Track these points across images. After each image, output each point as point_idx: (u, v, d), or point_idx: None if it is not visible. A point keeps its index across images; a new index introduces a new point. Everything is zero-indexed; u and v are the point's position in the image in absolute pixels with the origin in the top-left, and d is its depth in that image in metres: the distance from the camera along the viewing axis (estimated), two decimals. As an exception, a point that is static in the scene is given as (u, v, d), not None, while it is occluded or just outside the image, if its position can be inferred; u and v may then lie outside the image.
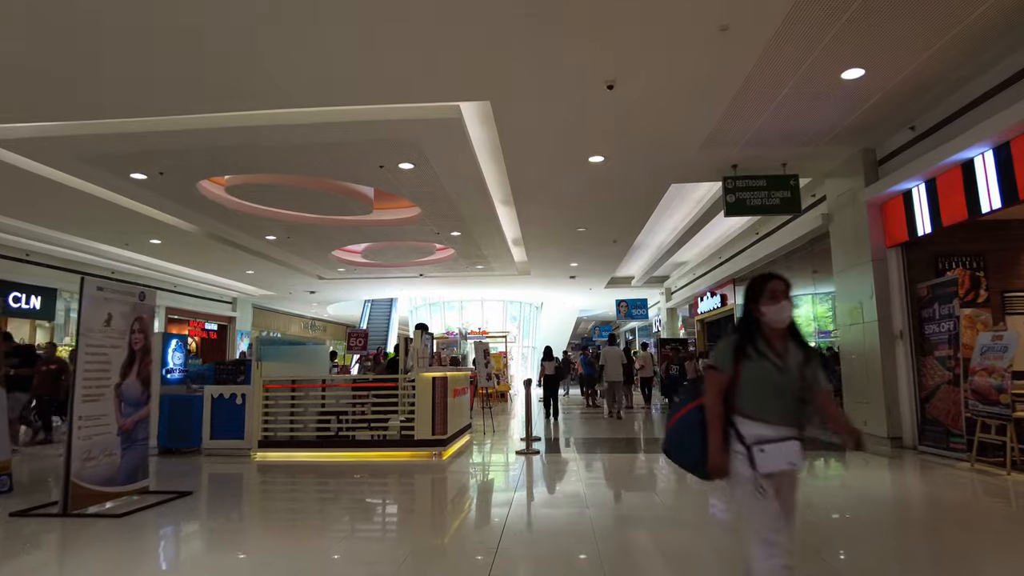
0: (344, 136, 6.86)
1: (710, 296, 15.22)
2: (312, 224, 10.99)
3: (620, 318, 20.90)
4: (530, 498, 5.06)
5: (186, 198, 9.13)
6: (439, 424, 6.98)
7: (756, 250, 11.63)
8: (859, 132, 7.04)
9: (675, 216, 12.14)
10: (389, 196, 10.15)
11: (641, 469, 6.41)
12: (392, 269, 15.96)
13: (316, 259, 14.31)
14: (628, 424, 10.96)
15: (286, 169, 8.04)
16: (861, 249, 7.62)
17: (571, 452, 7.53)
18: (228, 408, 7.33)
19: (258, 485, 6.29)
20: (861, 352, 7.64)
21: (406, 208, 10.83)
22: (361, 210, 10.00)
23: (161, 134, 6.75)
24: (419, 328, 7.31)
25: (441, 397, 7.03)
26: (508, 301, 23.92)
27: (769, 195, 7.95)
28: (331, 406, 7.37)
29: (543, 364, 13.78)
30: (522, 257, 15.19)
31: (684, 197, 10.92)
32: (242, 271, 16.03)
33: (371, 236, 12.04)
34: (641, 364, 15.17)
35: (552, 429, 10.38)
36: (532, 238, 12.31)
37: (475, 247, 12.93)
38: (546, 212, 10.31)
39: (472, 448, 7.95)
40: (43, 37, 4.71)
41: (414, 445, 6.97)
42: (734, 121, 6.62)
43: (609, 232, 11.77)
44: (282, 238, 12.10)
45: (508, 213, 11.09)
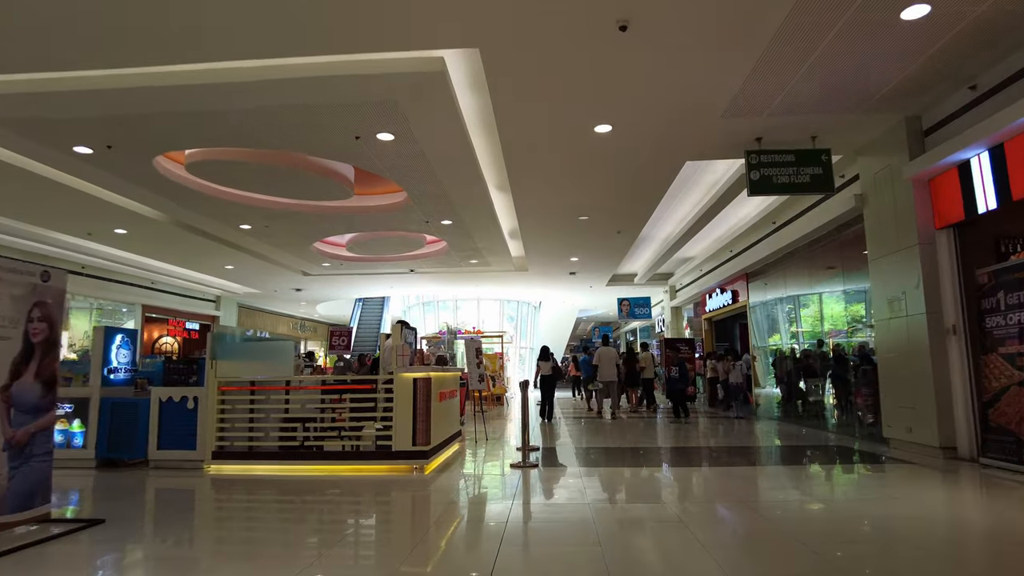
0: (313, 97, 5.91)
1: (719, 293, 14.28)
2: (288, 211, 10.02)
3: (622, 317, 19.95)
4: (526, 527, 4.09)
5: (142, 177, 8.16)
6: (421, 433, 6.01)
7: (773, 241, 10.70)
8: (907, 95, 6.11)
9: (684, 205, 11.20)
10: (372, 179, 9.20)
11: (654, 488, 5.45)
12: (381, 264, 14.99)
13: (297, 252, 13.34)
14: (631, 430, 10.00)
15: (251, 142, 7.08)
16: (904, 232, 6.68)
17: (573, 465, 6.56)
18: (178, 413, 6.35)
19: (207, 504, 5.33)
20: (904, 350, 6.69)
21: (391, 193, 9.87)
22: (341, 194, 9.03)
23: (97, 96, 5.79)
24: (399, 324, 6.35)
25: (424, 401, 6.06)
26: (505, 300, 22.94)
27: (798, 172, 7.01)
28: (297, 412, 6.39)
29: (539, 364, 13.40)
30: (519, 251, 14.24)
31: (695, 182, 9.99)
32: (220, 266, 15.05)
33: (354, 225, 11.07)
34: (643, 365, 14.32)
35: (551, 435, 9.41)
36: (530, 230, 11.36)
37: (468, 239, 11.97)
38: (545, 198, 9.36)
39: (461, 460, 6.97)
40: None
41: (391, 457, 6.00)
42: (763, 80, 5.69)
43: (613, 221, 10.82)
44: (258, 227, 11.13)
45: (504, 201, 10.13)
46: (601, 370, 11.93)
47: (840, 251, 9.09)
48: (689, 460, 6.99)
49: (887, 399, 7.07)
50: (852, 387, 8.73)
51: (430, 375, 6.19)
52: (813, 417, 10.24)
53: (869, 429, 8.25)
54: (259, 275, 16.41)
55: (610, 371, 11.87)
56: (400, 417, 6.00)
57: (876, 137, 7.08)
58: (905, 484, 5.36)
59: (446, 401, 6.98)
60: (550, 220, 10.70)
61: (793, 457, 7.24)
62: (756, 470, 6.35)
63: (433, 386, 6.29)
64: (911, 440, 6.60)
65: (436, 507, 4.85)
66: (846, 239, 8.68)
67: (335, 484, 5.71)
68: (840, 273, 9.26)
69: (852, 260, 8.79)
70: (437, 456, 6.43)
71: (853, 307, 9.16)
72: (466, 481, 5.82)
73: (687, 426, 10.37)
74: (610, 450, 7.71)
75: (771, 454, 7.42)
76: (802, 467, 6.56)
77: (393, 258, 14.25)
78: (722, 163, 8.96)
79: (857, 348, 8.75)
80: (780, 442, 8.31)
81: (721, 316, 14.98)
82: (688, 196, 10.71)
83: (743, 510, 4.45)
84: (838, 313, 9.79)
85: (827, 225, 8.67)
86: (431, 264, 14.97)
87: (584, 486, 5.29)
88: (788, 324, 11.47)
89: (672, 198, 10.73)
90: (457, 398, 7.76)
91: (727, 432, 9.56)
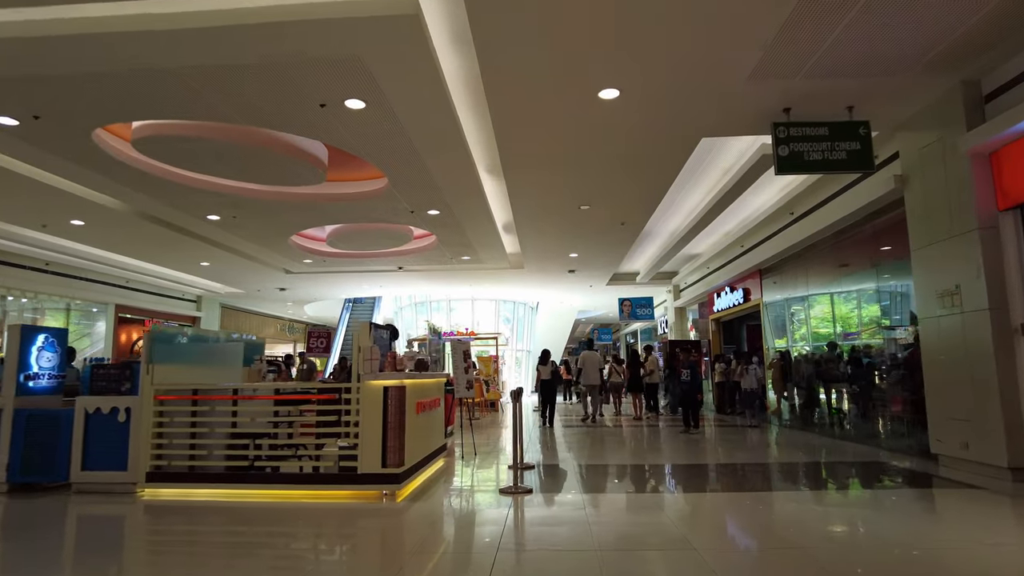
0: (266, 50, 4.96)
1: (729, 291, 13.33)
2: (256, 199, 9.04)
3: (623, 319, 19.00)
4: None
5: (83, 155, 7.19)
6: (392, 452, 5.03)
7: (792, 233, 9.76)
8: (965, 54, 5.18)
9: (693, 195, 10.25)
10: (348, 163, 8.24)
11: (674, 521, 4.48)
12: (367, 261, 14.02)
13: (274, 246, 12.35)
14: (638, 443, 9.04)
15: (203, 112, 6.12)
16: (958, 215, 5.74)
17: (575, 488, 5.59)
18: (107, 427, 5.37)
19: (137, 537, 4.39)
20: (958, 352, 5.74)
21: (371, 180, 8.91)
22: (312, 178, 8.06)
23: (5, 48, 4.84)
24: (369, 324, 5.38)
25: (397, 415, 5.09)
26: (501, 300, 21.98)
27: (832, 147, 6.07)
28: (247, 426, 5.41)
29: (539, 368, 12.71)
30: (515, 248, 13.29)
31: (706, 170, 9.04)
32: (195, 263, 14.06)
33: (331, 215, 10.09)
34: (650, 369, 13.41)
35: (550, 446, 8.44)
36: (526, 220, 10.40)
37: (459, 232, 11.01)
38: (542, 182, 8.40)
39: (443, 482, 5.99)
40: None
41: (357, 481, 5.03)
42: (797, 36, 4.75)
43: (617, 211, 9.86)
44: (226, 218, 10.16)
45: (496, 188, 9.18)
46: (585, 374, 12.09)
47: (872, 242, 8.14)
48: (710, 483, 6.02)
49: (936, 409, 6.12)
50: (886, 394, 7.78)
51: (404, 383, 5.22)
52: (835, 427, 9.28)
53: (908, 442, 7.29)
54: (238, 273, 15.44)
55: (593, 375, 12.03)
56: (367, 433, 5.03)
57: (924, 106, 6.14)
58: (976, 515, 4.39)
59: (426, 413, 6.01)
60: (548, 209, 9.74)
61: (832, 478, 6.28)
62: (794, 497, 5.38)
63: (409, 396, 5.32)
64: (968, 458, 5.65)
65: (400, 549, 3.88)
66: (880, 228, 7.75)
67: (287, 513, 4.75)
68: (872, 267, 8.30)
69: (887, 251, 7.86)
70: (413, 479, 5.45)
71: (881, 305, 8.21)
72: (444, 513, 4.84)
73: (699, 437, 9.40)
74: (618, 469, 6.74)
75: (805, 474, 6.45)
76: (847, 492, 5.60)
77: (379, 254, 13.28)
78: (738, 145, 8.02)
79: (886, 350, 7.79)
80: (808, 457, 7.35)
81: (731, 316, 14.03)
82: (698, 185, 9.76)
83: (794, 556, 3.48)
84: (869, 311, 8.84)
85: (857, 213, 7.73)
86: (420, 261, 14.00)
87: (589, 520, 4.32)
88: (805, 324, 10.52)
89: (680, 188, 9.79)
90: (440, 408, 6.79)
91: (745, 445, 8.59)
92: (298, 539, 4.26)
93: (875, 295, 8.40)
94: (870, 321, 8.68)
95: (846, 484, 5.92)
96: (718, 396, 14.07)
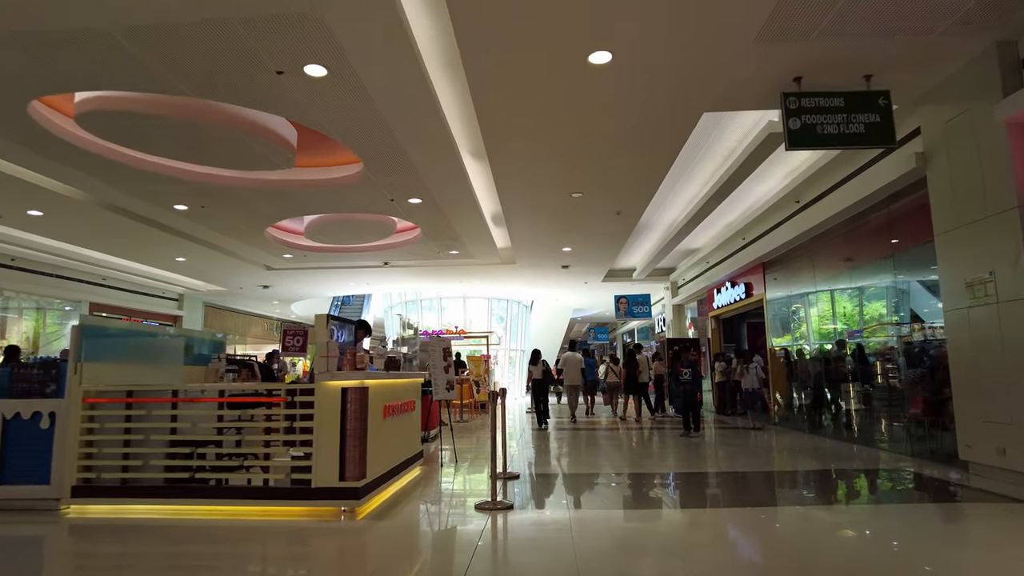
0: (212, 7, 4.32)
1: (730, 287, 12.71)
2: (223, 186, 8.39)
3: (619, 317, 18.36)
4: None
5: (22, 133, 6.53)
6: (353, 463, 4.39)
7: (798, 223, 9.14)
8: (1001, 10, 4.57)
9: (693, 183, 9.62)
10: (318, 144, 7.60)
11: (674, 543, 3.84)
12: (350, 256, 13.36)
13: (250, 240, 11.69)
14: (635, 447, 8.41)
15: (146, 83, 5.47)
16: (992, 195, 5.12)
17: (561, 504, 4.96)
18: (28, 435, 4.72)
19: (60, 562, 3.73)
20: (993, 347, 5.12)
21: (346, 165, 8.26)
22: (280, 161, 7.41)
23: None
24: (325, 317, 4.75)
25: (357, 420, 4.45)
26: (493, 299, 21.33)
27: (849, 119, 5.45)
28: (189, 433, 4.75)
29: (530, 368, 12.34)
30: (505, 242, 12.66)
31: (708, 152, 8.41)
32: (170, 258, 13.38)
33: (306, 204, 9.43)
34: (640, 369, 12.91)
35: (540, 451, 7.81)
36: (515, 210, 9.76)
37: (444, 222, 10.36)
38: (530, 167, 7.77)
39: (414, 496, 5.34)
40: None
41: (311, 496, 4.38)
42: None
43: (612, 199, 9.23)
44: (194, 208, 9.50)
45: (482, 173, 8.55)
46: (566, 374, 12.28)
47: (887, 230, 7.53)
48: (714, 495, 5.39)
49: (965, 411, 5.50)
50: (903, 394, 7.17)
51: (367, 384, 4.57)
52: (845, 429, 8.66)
53: (927, 447, 6.68)
54: (218, 269, 14.77)
55: (575, 376, 12.26)
56: (323, 441, 4.38)
57: (952, 73, 5.52)
58: (1019, 533, 3.77)
59: (397, 417, 5.36)
60: (537, 197, 9.10)
61: (853, 488, 5.66)
62: (812, 513, 4.75)
63: (374, 398, 4.68)
64: (1005, 466, 5.03)
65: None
66: (897, 214, 7.14)
67: (230, 533, 4.10)
68: (887, 256, 7.68)
69: (904, 239, 7.25)
70: (378, 492, 4.81)
71: (897, 297, 7.59)
72: (407, 534, 4.20)
73: (699, 440, 8.77)
74: (613, 479, 6.10)
75: (822, 484, 5.82)
76: (876, 506, 4.98)
77: (362, 249, 12.62)
78: (742, 124, 7.40)
79: (904, 345, 7.17)
80: (821, 464, 6.72)
81: (731, 313, 13.41)
82: (698, 172, 9.13)
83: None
84: (881, 305, 8.22)
85: (871, 197, 7.13)
86: (406, 256, 13.35)
87: (574, 544, 3.68)
88: (811, 320, 9.90)
89: (678, 176, 9.18)
90: (416, 411, 6.14)
91: (751, 450, 7.97)
92: (241, 562, 3.62)
93: (890, 287, 7.78)
94: (883, 315, 8.06)
95: (864, 495, 5.29)
96: (718, 396, 13.46)
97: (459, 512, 4.67)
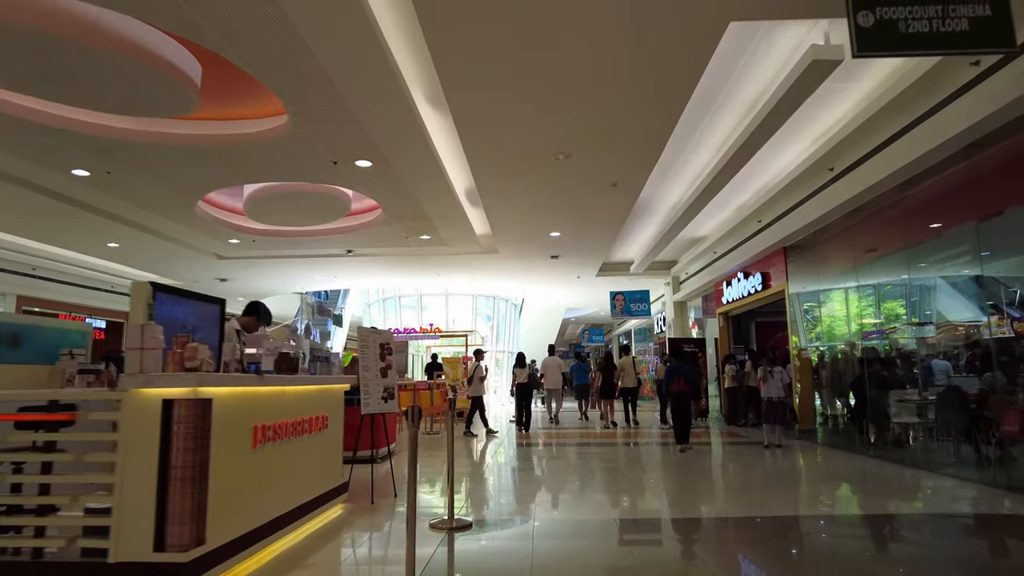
0: None
1: (742, 278, 11.05)
2: (119, 140, 6.68)
3: (615, 315, 16.70)
4: None
5: None
6: (181, 520, 2.69)
7: (832, 195, 7.51)
8: None
9: (703, 150, 7.96)
10: (233, 86, 5.92)
11: None
12: (306, 242, 11.66)
13: (182, 219, 9.97)
14: (616, 468, 6.72)
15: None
16: None
17: (523, 568, 3.27)
18: None
19: None
20: None
21: (271, 117, 6.57)
22: (178, 101, 5.72)
23: None
24: (155, 287, 3.07)
25: (191, 451, 2.75)
26: (478, 295, 19.64)
27: (946, 12, 3.79)
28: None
29: (515, 372, 11.70)
30: (485, 228, 11.00)
31: (723, 107, 6.76)
32: (100, 244, 11.63)
33: (230, 169, 7.68)
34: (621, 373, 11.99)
35: (507, 477, 6.12)
36: (488, 177, 8.07)
37: (406, 197, 8.67)
38: (502, 116, 6.09)
39: (306, 559, 3.62)
40: None
41: (107, 574, 2.68)
42: None
43: (606, 164, 7.55)
44: (98, 173, 7.78)
45: (445, 130, 6.89)
46: (547, 378, 12.53)
47: (971, 189, 5.88)
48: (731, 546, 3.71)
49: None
50: (991, 404, 5.51)
51: (209, 392, 2.87)
52: (890, 446, 7.00)
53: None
54: (161, 259, 13.00)
55: (555, 379, 12.51)
56: (130, 487, 2.68)
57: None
58: None
59: (287, 443, 3.66)
60: (515, 160, 7.42)
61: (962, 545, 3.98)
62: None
63: (230, 415, 2.98)
64: None
65: None
66: (985, 167, 5.49)
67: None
68: (971, 223, 6.04)
69: (999, 201, 5.61)
70: (239, 562, 3.09)
71: (984, 281, 5.94)
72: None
73: (692, 455, 7.10)
74: (593, 530, 4.41)
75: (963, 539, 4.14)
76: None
77: (317, 232, 10.92)
78: (772, 59, 5.76)
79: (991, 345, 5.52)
80: (926, 503, 5.04)
81: (744, 309, 11.75)
82: (709, 135, 7.48)
83: None
84: (943, 296, 6.58)
85: (953, 143, 5.45)
86: (370, 241, 11.64)
87: None
88: (851, 312, 8.24)
89: (685, 142, 7.55)
90: (333, 430, 4.43)
91: (770, 474, 6.29)
92: None
93: (967, 262, 6.12)
94: (955, 306, 6.41)
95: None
96: (728, 404, 11.79)
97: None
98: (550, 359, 12.68)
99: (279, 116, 6.45)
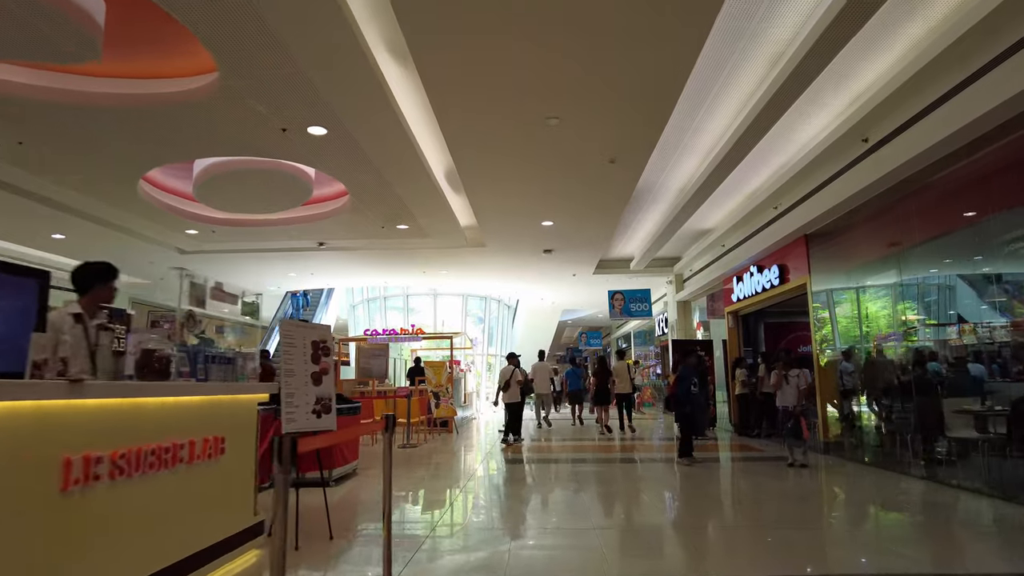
0: None
1: (756, 272, 9.95)
2: (20, 98, 5.58)
3: (615, 315, 15.59)
4: None
5: None
6: None
7: (866, 170, 6.44)
8: None
9: (714, 122, 6.88)
10: (152, 32, 4.82)
11: None
12: (272, 233, 10.55)
13: (126, 205, 8.84)
14: (617, 486, 5.58)
15: None
16: None
17: None
18: None
19: None
20: None
21: (199, 75, 5.47)
22: (76, 46, 4.62)
23: None
24: None
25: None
26: (468, 295, 18.53)
27: None
28: None
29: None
30: (469, 218, 9.93)
31: (735, 72, 5.68)
32: (44, 235, 10.51)
33: (160, 137, 6.51)
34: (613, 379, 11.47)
35: (477, 503, 5.00)
36: (466, 144, 6.98)
37: (374, 175, 7.57)
38: (480, 67, 5.00)
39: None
40: None
41: None
42: None
43: (604, 134, 6.45)
44: (10, 145, 6.66)
45: (410, 86, 5.80)
46: (536, 384, 12.47)
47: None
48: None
49: None
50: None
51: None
52: (938, 466, 5.89)
53: None
54: (115, 252, 11.85)
55: (544, 384, 12.63)
56: None
57: None
58: None
59: (159, 475, 2.55)
60: (495, 123, 6.33)
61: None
62: None
63: (26, 447, 1.86)
64: None
65: None
66: None
67: None
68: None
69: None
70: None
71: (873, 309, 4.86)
72: None
73: (701, 471, 5.98)
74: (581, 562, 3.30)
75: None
76: None
77: (281, 221, 9.80)
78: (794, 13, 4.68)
79: None
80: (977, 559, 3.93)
81: (756, 307, 10.65)
82: (720, 107, 6.40)
83: None
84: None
85: (1019, 100, 4.41)
86: (343, 232, 10.53)
87: None
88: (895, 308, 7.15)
89: (692, 116, 6.49)
90: (235, 454, 3.30)
91: (819, 506, 5.17)
92: None
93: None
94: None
95: None
96: (738, 413, 10.68)
97: None
98: (540, 364, 12.73)
99: (211, 73, 5.36)
